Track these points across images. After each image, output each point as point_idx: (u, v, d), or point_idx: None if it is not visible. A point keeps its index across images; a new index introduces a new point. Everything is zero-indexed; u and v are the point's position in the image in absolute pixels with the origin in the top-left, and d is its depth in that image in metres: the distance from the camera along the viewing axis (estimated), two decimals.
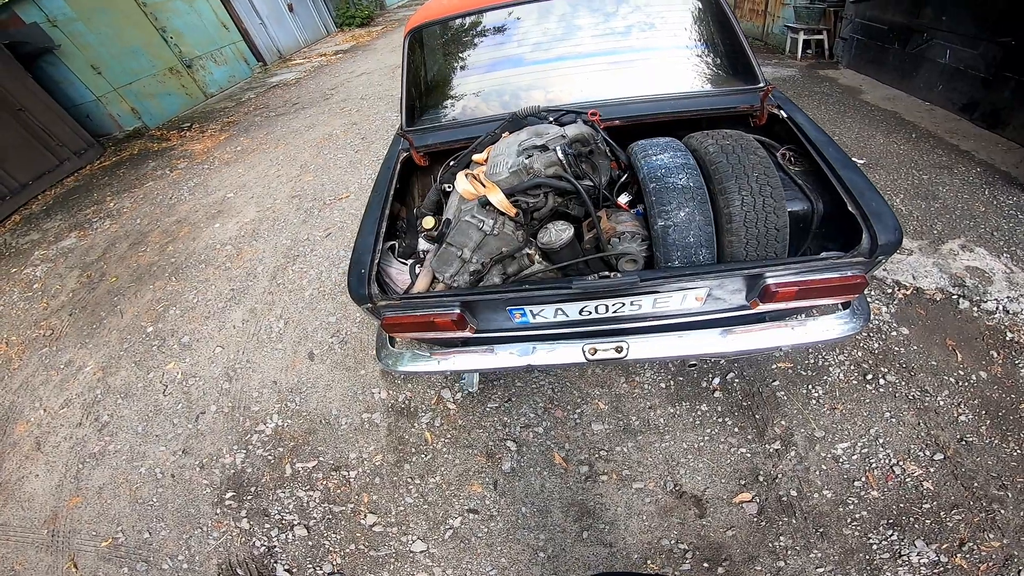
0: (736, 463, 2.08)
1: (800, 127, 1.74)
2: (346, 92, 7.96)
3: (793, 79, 5.58)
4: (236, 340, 3.09)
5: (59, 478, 2.54)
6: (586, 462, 2.16)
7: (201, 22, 10.00)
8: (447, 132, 2.20)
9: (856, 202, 1.42)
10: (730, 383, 2.32)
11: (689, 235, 1.39)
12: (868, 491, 1.90)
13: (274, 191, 4.90)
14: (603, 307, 1.54)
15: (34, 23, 6.86)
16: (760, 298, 1.45)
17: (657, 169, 1.48)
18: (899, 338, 2.39)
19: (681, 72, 2.16)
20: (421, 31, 2.45)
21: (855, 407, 2.17)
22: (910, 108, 4.45)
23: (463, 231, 1.49)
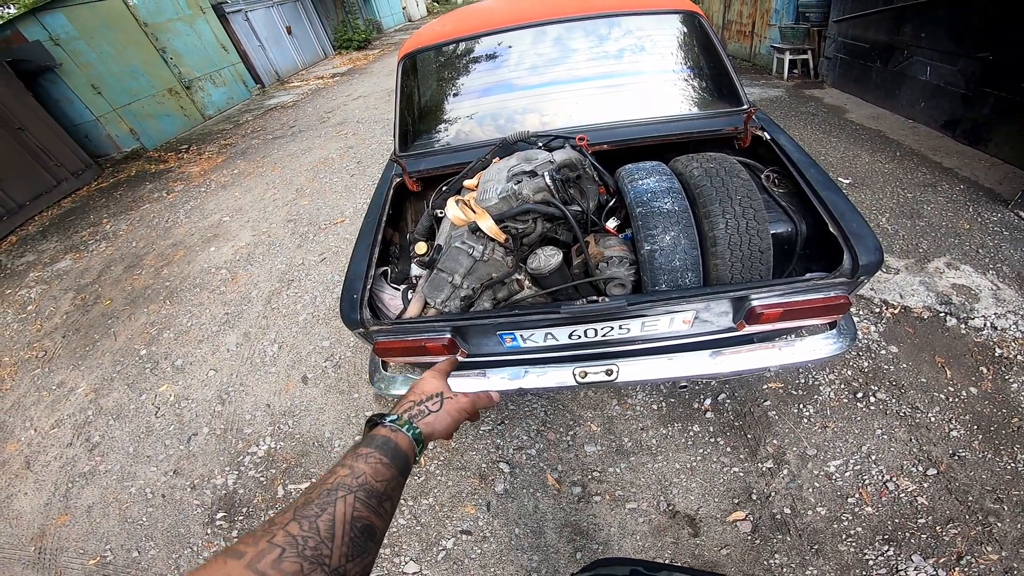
0: (729, 482, 2.07)
1: (783, 148, 1.79)
2: (343, 115, 8.08)
3: (780, 99, 5.71)
4: (230, 363, 3.09)
5: (48, 496, 2.52)
6: (579, 483, 2.16)
7: (201, 43, 10.16)
8: (439, 157, 2.24)
9: (837, 223, 1.46)
10: (721, 404, 2.33)
11: (675, 259, 1.42)
12: (862, 507, 1.90)
13: (270, 215, 4.94)
14: (592, 331, 1.56)
15: (36, 41, 6.89)
16: (746, 320, 1.47)
17: (643, 193, 1.51)
18: (888, 356, 2.42)
19: (668, 96, 2.22)
20: (415, 57, 2.51)
21: (846, 425, 2.18)
22: (894, 126, 4.55)
23: (453, 257, 1.52)
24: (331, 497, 0.49)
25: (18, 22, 6.89)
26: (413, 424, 0.65)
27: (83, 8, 7.55)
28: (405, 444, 0.60)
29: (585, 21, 2.31)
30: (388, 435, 0.60)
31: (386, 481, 0.54)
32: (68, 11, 7.31)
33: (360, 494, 0.50)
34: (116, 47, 8.12)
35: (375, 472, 0.54)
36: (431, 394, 0.71)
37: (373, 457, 0.55)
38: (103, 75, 7.83)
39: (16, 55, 6.58)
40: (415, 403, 0.69)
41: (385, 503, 0.53)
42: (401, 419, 0.64)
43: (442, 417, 0.69)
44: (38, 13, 7.01)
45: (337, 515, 0.47)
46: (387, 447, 0.58)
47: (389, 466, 0.56)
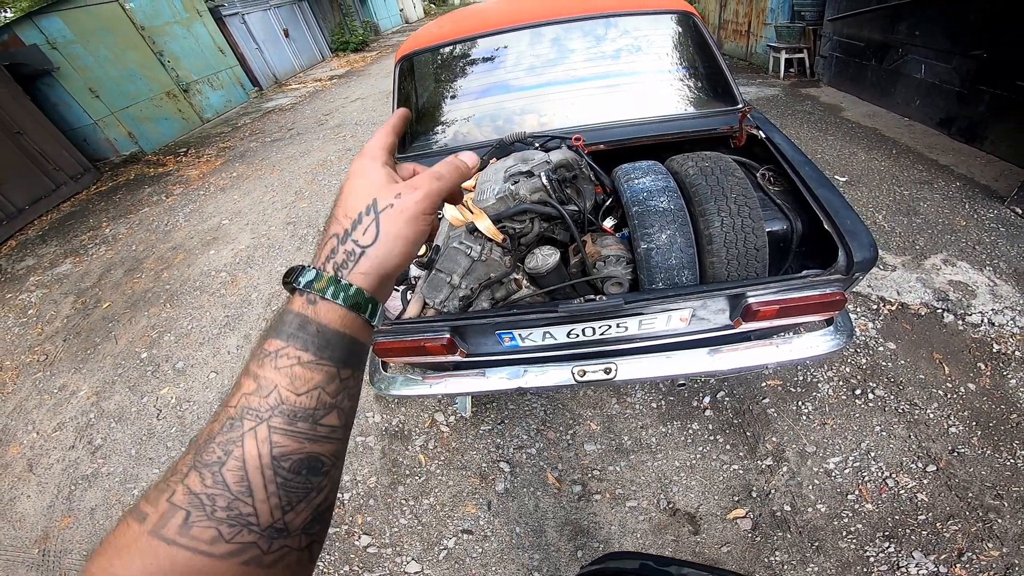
0: (729, 480, 2.09)
1: (778, 147, 1.80)
2: (341, 118, 8.09)
3: (776, 98, 5.73)
4: (231, 366, 3.10)
5: (51, 499, 2.53)
6: (579, 482, 2.17)
7: (198, 46, 10.15)
8: (437, 159, 2.23)
9: (832, 220, 1.47)
10: (720, 401, 2.34)
11: (671, 257, 1.43)
12: (862, 504, 1.91)
13: (269, 217, 4.96)
14: (590, 329, 1.57)
15: (34, 45, 6.88)
16: (743, 317, 1.49)
17: (639, 192, 1.53)
18: (886, 353, 2.43)
19: (663, 96, 2.23)
20: (412, 59, 2.52)
21: (845, 422, 2.19)
22: (890, 124, 4.57)
23: (451, 257, 1.53)
24: (236, 431, 0.34)
25: (15, 26, 6.88)
26: (340, 280, 0.39)
27: (80, 12, 7.55)
28: (337, 320, 0.38)
29: (580, 22, 2.32)
30: (305, 312, 0.38)
31: (316, 389, 0.37)
32: (65, 15, 7.31)
33: (276, 421, 0.35)
34: (113, 51, 8.12)
35: (293, 381, 0.36)
36: (359, 211, 0.41)
37: (286, 355, 0.36)
38: (101, 79, 7.82)
39: (13, 59, 6.57)
40: (338, 238, 0.41)
41: (326, 418, 0.37)
42: (321, 277, 0.39)
43: (386, 247, 0.41)
44: (35, 17, 7.01)
45: (248, 459, 0.34)
46: (305, 334, 0.37)
47: (315, 365, 0.37)
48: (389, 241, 0.41)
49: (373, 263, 0.40)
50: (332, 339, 0.38)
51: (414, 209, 0.42)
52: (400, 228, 0.41)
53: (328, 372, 0.37)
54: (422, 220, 0.43)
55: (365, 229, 0.41)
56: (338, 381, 0.38)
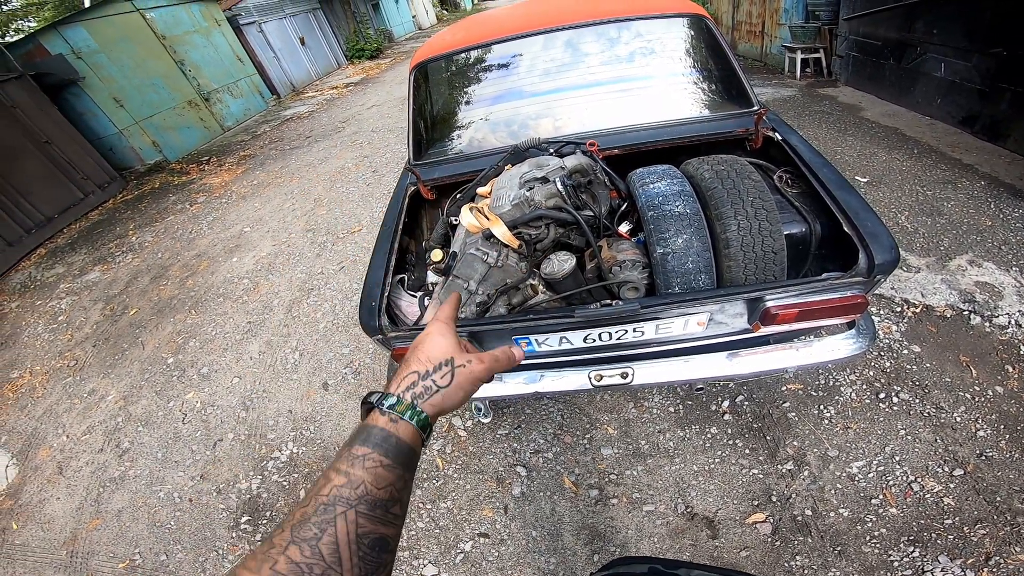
0: (748, 484, 2.07)
1: (795, 149, 1.79)
2: (357, 125, 8.22)
3: (793, 99, 5.65)
4: (253, 371, 3.17)
5: (79, 501, 2.62)
6: (596, 486, 2.17)
7: (217, 55, 10.37)
8: (453, 165, 2.27)
9: (851, 222, 1.45)
10: (740, 405, 2.31)
11: (688, 261, 1.43)
12: (886, 508, 1.88)
13: (289, 225, 5.06)
14: (607, 334, 1.58)
15: (59, 54, 7.01)
16: (761, 321, 1.48)
17: (654, 197, 1.53)
18: (911, 356, 2.38)
19: (677, 99, 2.23)
20: (426, 66, 2.55)
21: (869, 426, 2.15)
22: (910, 123, 4.47)
23: (468, 263, 1.55)
24: (329, 514, 0.43)
25: (40, 35, 7.04)
26: (417, 408, 0.51)
27: (103, 21, 7.73)
28: (409, 436, 0.50)
29: (592, 27, 2.33)
30: (388, 428, 0.49)
31: (390, 486, 0.47)
32: (88, 24, 7.48)
33: (362, 507, 0.44)
34: (136, 60, 8.29)
35: (376, 479, 0.46)
36: (439, 361, 0.55)
37: (372, 459, 0.47)
38: (125, 88, 7.99)
39: (40, 68, 6.69)
40: (419, 375, 0.54)
41: (393, 508, 0.47)
42: (402, 402, 0.51)
43: (453, 392, 0.55)
44: (59, 27, 7.16)
45: (340, 536, 0.42)
46: (387, 444, 0.48)
47: (392, 468, 0.47)
48: (457, 388, 0.55)
49: (442, 400, 0.54)
50: (404, 450, 0.49)
51: (478, 374, 0.57)
52: (466, 383, 0.56)
53: (398, 474, 0.48)
54: (478, 383, 0.58)
55: (443, 375, 0.55)
56: (403, 480, 0.49)
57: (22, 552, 2.43)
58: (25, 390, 3.53)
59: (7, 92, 6.04)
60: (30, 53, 6.92)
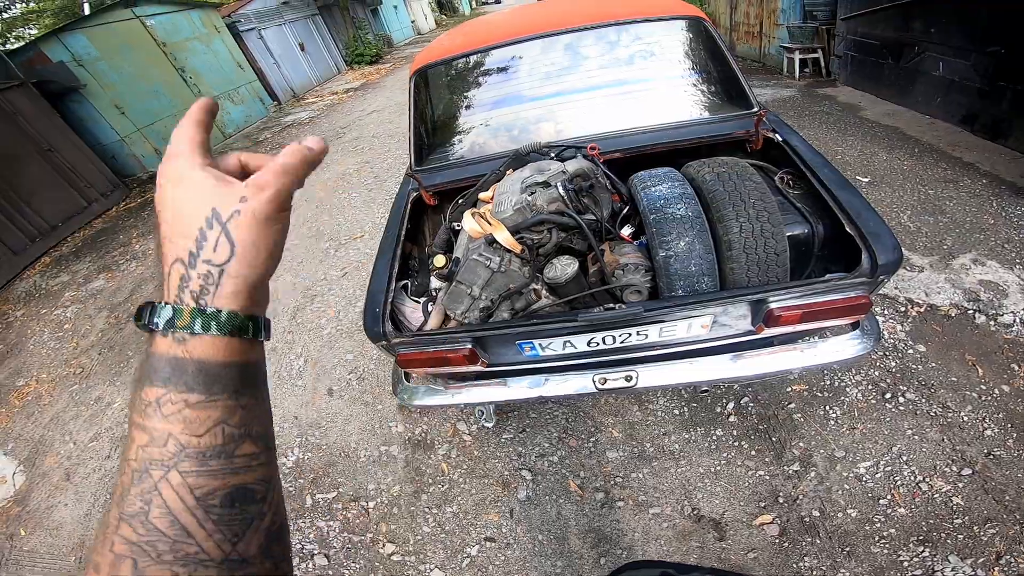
0: (755, 486, 2.06)
1: (795, 150, 1.79)
2: (358, 131, 8.25)
3: (793, 99, 5.66)
4: None
5: (87, 507, 2.62)
6: (602, 489, 2.16)
7: (217, 62, 10.38)
8: (454, 171, 2.28)
9: (853, 223, 1.45)
10: (745, 407, 2.31)
11: (690, 264, 1.43)
12: (895, 509, 1.87)
13: (291, 231, 5.03)
14: (610, 338, 1.58)
15: (61, 62, 6.99)
16: (765, 323, 1.48)
17: (656, 200, 1.54)
18: (916, 356, 2.37)
19: (677, 102, 2.24)
20: (426, 72, 2.56)
21: (875, 426, 2.14)
22: (911, 123, 4.47)
23: (471, 269, 1.56)
24: (147, 483, 0.33)
25: (41, 43, 7.04)
26: (208, 310, 0.35)
27: (103, 29, 7.75)
28: (218, 351, 0.35)
29: (591, 31, 2.34)
30: (175, 353, 0.34)
31: (218, 425, 0.34)
32: (89, 32, 7.49)
33: (185, 466, 0.33)
34: (137, 67, 8.27)
35: (187, 425, 0.34)
36: (200, 227, 0.36)
37: (168, 402, 0.34)
38: (126, 95, 7.97)
39: (41, 76, 6.68)
40: (184, 263, 0.36)
41: (240, 449, 0.35)
42: (181, 312, 0.35)
43: (247, 260, 0.36)
44: (60, 34, 7.17)
45: (171, 505, 0.32)
46: (184, 375, 0.34)
47: (208, 403, 0.34)
48: (248, 252, 0.36)
49: (237, 281, 0.36)
50: (217, 373, 0.35)
51: (266, 210, 0.37)
52: (256, 235, 0.37)
53: (225, 406, 0.35)
54: (277, 220, 0.38)
55: (215, 245, 0.35)
56: (240, 411, 0.36)
57: (31, 558, 2.44)
58: (32, 397, 3.55)
59: (9, 100, 6.05)
60: (31, 60, 6.91)
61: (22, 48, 7.20)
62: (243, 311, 0.36)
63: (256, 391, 0.38)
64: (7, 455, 3.09)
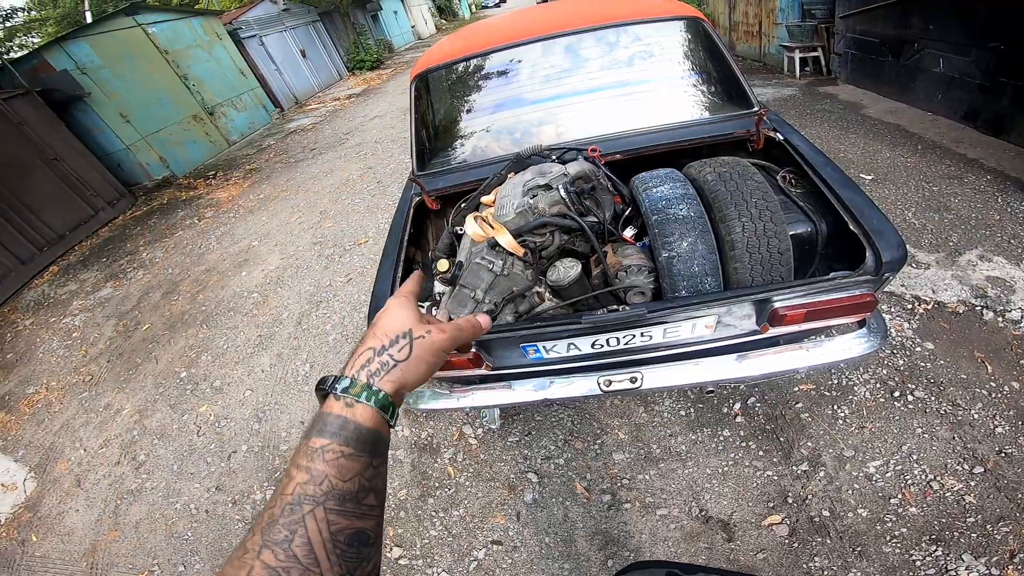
0: (763, 486, 2.05)
1: (796, 148, 1.79)
2: (361, 136, 8.30)
3: (794, 98, 5.64)
4: (265, 384, 3.20)
5: (98, 513, 2.65)
6: (608, 491, 2.16)
7: (220, 69, 10.43)
8: (456, 175, 2.29)
9: (857, 221, 1.45)
10: (751, 407, 2.30)
11: (693, 264, 1.43)
12: (906, 508, 1.86)
13: (296, 238, 5.11)
14: (614, 340, 1.58)
15: (64, 70, 7.02)
16: (770, 322, 1.47)
17: (658, 201, 1.54)
18: (924, 353, 2.36)
19: (677, 102, 2.23)
20: (427, 76, 2.57)
21: (884, 425, 2.13)
22: (913, 120, 4.44)
23: (474, 273, 1.56)
24: (297, 514, 0.40)
25: (44, 51, 7.08)
26: (373, 387, 0.47)
27: (106, 37, 7.79)
28: (369, 419, 0.46)
29: (589, 33, 2.34)
30: (344, 414, 0.45)
31: (357, 476, 0.43)
32: (92, 40, 7.53)
33: (331, 503, 0.41)
34: (140, 75, 8.31)
35: (340, 471, 0.43)
36: (396, 335, 0.51)
37: (331, 450, 0.43)
38: (130, 103, 8.00)
39: (46, 85, 6.70)
40: (375, 351, 0.50)
41: (366, 500, 0.44)
42: (357, 383, 0.47)
43: (413, 366, 0.50)
44: (63, 42, 7.20)
45: (312, 536, 0.40)
46: (346, 431, 0.44)
47: (355, 456, 0.44)
48: (418, 362, 0.51)
49: (401, 375, 0.49)
50: (366, 435, 0.45)
51: (440, 344, 0.53)
52: (427, 355, 0.52)
53: (364, 462, 0.44)
54: (441, 354, 0.54)
55: (400, 348, 0.51)
56: (372, 468, 0.45)
57: (43, 564, 2.47)
58: (41, 405, 3.59)
59: (14, 109, 6.10)
60: (35, 69, 6.94)
61: (26, 57, 7.25)
62: (392, 397, 0.48)
63: (384, 458, 0.48)
64: (18, 462, 3.13)
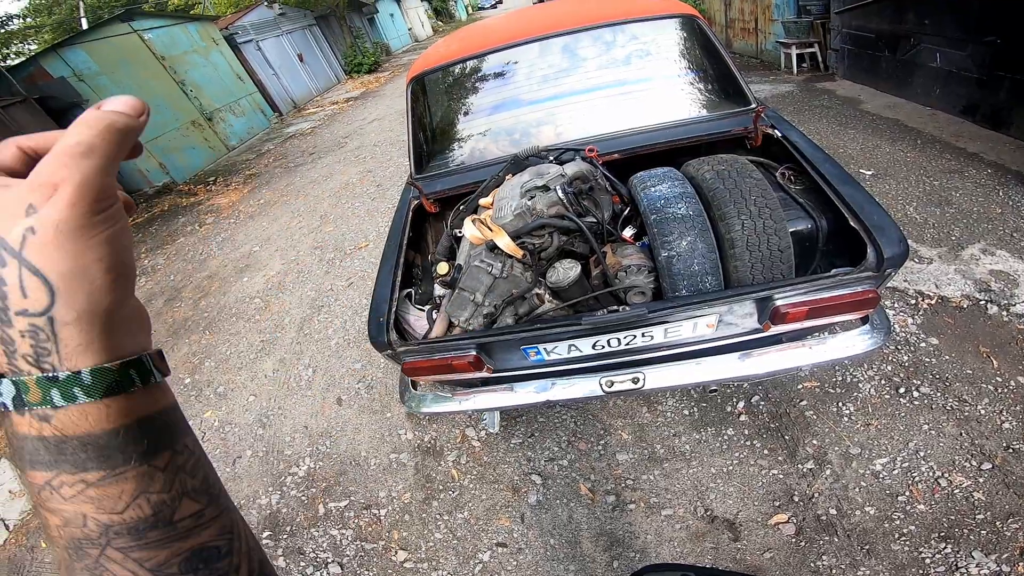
0: (768, 485, 2.04)
1: (795, 145, 1.78)
2: (359, 140, 8.30)
3: (792, 94, 5.62)
4: (268, 389, 3.20)
5: None
6: (612, 492, 2.15)
7: (217, 74, 10.40)
8: (454, 177, 2.29)
9: (857, 217, 1.44)
10: (755, 406, 2.29)
11: (693, 263, 1.43)
12: (914, 505, 1.84)
13: (297, 243, 5.11)
14: (615, 340, 1.57)
15: (61, 77, 7.03)
16: (771, 320, 1.47)
17: (657, 200, 1.53)
18: (929, 349, 2.34)
19: (675, 101, 2.23)
20: (423, 79, 2.56)
21: (890, 422, 2.11)
22: (911, 115, 4.42)
23: (474, 276, 1.56)
24: (88, 559, 0.28)
25: (41, 58, 7.10)
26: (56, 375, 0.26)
27: (102, 43, 7.79)
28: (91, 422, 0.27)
29: (585, 32, 2.34)
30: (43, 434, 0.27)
31: (135, 498, 0.28)
32: (88, 47, 7.54)
33: (120, 543, 0.28)
34: (138, 81, 8.33)
35: (99, 505, 0.28)
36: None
37: (66, 484, 0.27)
38: None
39: (43, 92, 6.72)
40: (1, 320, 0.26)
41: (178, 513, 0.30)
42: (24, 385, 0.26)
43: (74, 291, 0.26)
44: (59, 49, 7.22)
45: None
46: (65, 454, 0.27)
47: (112, 478, 0.28)
48: (75, 284, 0.26)
49: (80, 327, 0.27)
50: (109, 443, 0.28)
51: (73, 217, 0.26)
52: (75, 258, 0.26)
53: (137, 475, 0.28)
54: (99, 225, 0.27)
55: (21, 289, 0.25)
56: (160, 473, 0.30)
57: (52, 569, 2.46)
58: None
59: (12, 116, 6.07)
60: (32, 76, 6.95)
61: (22, 64, 7.27)
62: (111, 360, 0.28)
63: (174, 443, 0.31)
64: None
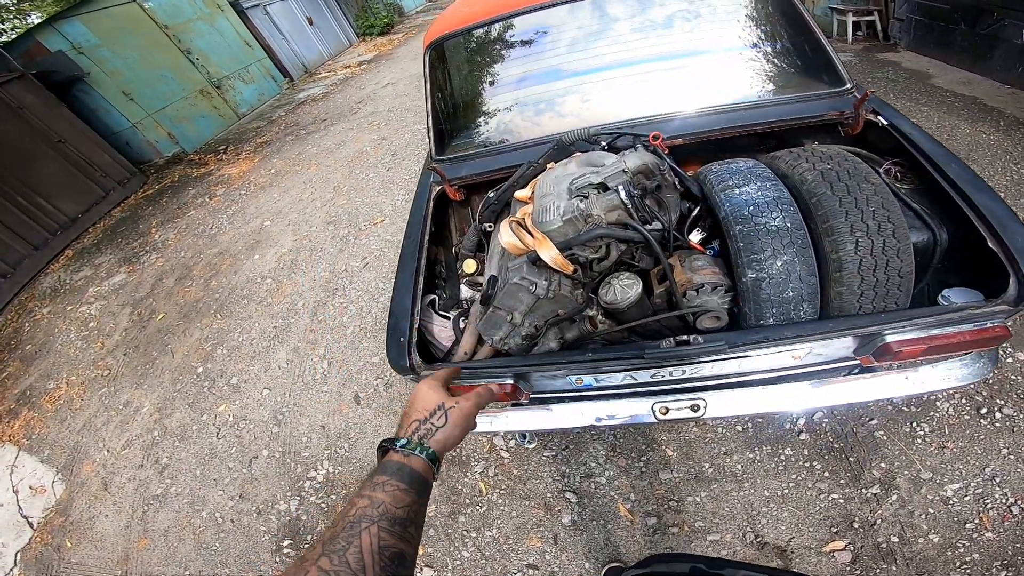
0: (826, 510, 1.87)
1: (908, 137, 1.46)
2: (373, 105, 7.89)
3: (850, 64, 5.06)
4: (282, 382, 3.06)
5: (127, 519, 2.61)
6: (654, 513, 1.99)
7: (224, 41, 9.98)
8: (482, 161, 2.00)
9: (997, 236, 1.16)
10: (818, 424, 2.06)
11: (788, 289, 1.17)
12: (982, 533, 1.70)
13: (309, 217, 4.87)
14: (679, 371, 1.34)
15: (59, 51, 6.79)
16: (875, 356, 1.21)
17: (743, 206, 1.25)
18: (1016, 366, 2.07)
19: (748, 76, 1.88)
20: (442, 44, 2.25)
21: (968, 445, 1.90)
22: (990, 92, 3.90)
23: (512, 294, 1.31)
24: (355, 529, 0.51)
25: (37, 32, 6.84)
26: (424, 444, 0.64)
27: (100, 14, 7.44)
28: (420, 467, 0.61)
29: None
30: (402, 460, 0.60)
31: (407, 507, 0.56)
32: (85, 18, 7.21)
33: (383, 523, 0.52)
34: (141, 52, 8.02)
35: (395, 499, 0.55)
36: (432, 409, 0.69)
37: (390, 485, 0.57)
38: (133, 81, 7.75)
39: (41, 67, 6.47)
40: (419, 422, 0.68)
41: (409, 528, 0.55)
42: (411, 442, 0.64)
43: (450, 430, 0.68)
44: (55, 22, 6.93)
45: (364, 547, 0.50)
46: (402, 473, 0.59)
47: (407, 491, 0.57)
48: (453, 427, 0.68)
49: (444, 437, 0.67)
50: (417, 478, 0.60)
51: (467, 411, 0.71)
52: (459, 419, 0.69)
53: (413, 498, 0.57)
54: (471, 419, 0.72)
55: (438, 417, 0.68)
56: (418, 504, 0.58)
57: (80, 570, 2.45)
58: (63, 401, 3.53)
59: (11, 93, 5.84)
60: (29, 52, 6.72)
61: (18, 40, 6.99)
62: (437, 453, 0.65)
63: (426, 499, 0.61)
64: (44, 463, 3.09)
